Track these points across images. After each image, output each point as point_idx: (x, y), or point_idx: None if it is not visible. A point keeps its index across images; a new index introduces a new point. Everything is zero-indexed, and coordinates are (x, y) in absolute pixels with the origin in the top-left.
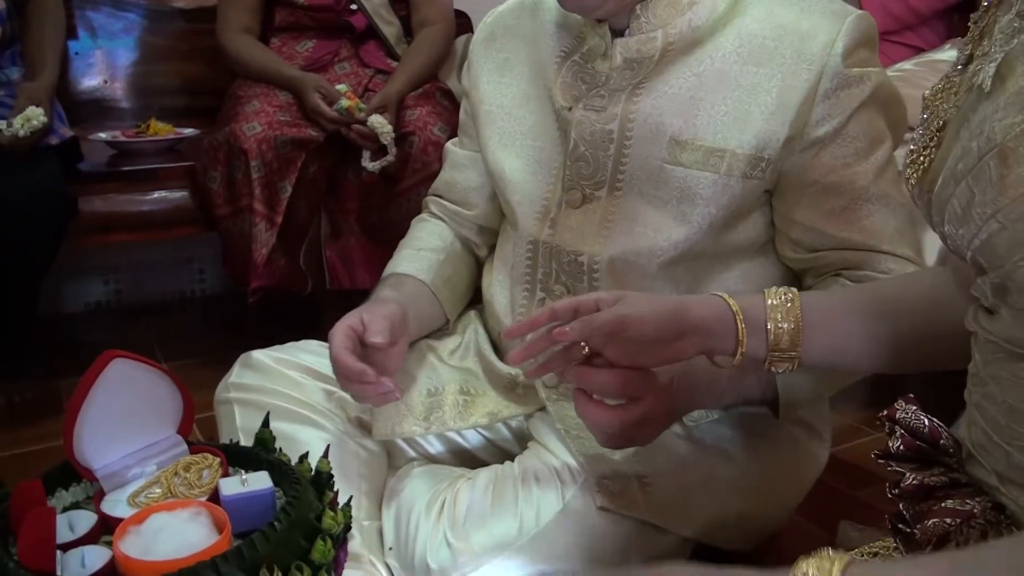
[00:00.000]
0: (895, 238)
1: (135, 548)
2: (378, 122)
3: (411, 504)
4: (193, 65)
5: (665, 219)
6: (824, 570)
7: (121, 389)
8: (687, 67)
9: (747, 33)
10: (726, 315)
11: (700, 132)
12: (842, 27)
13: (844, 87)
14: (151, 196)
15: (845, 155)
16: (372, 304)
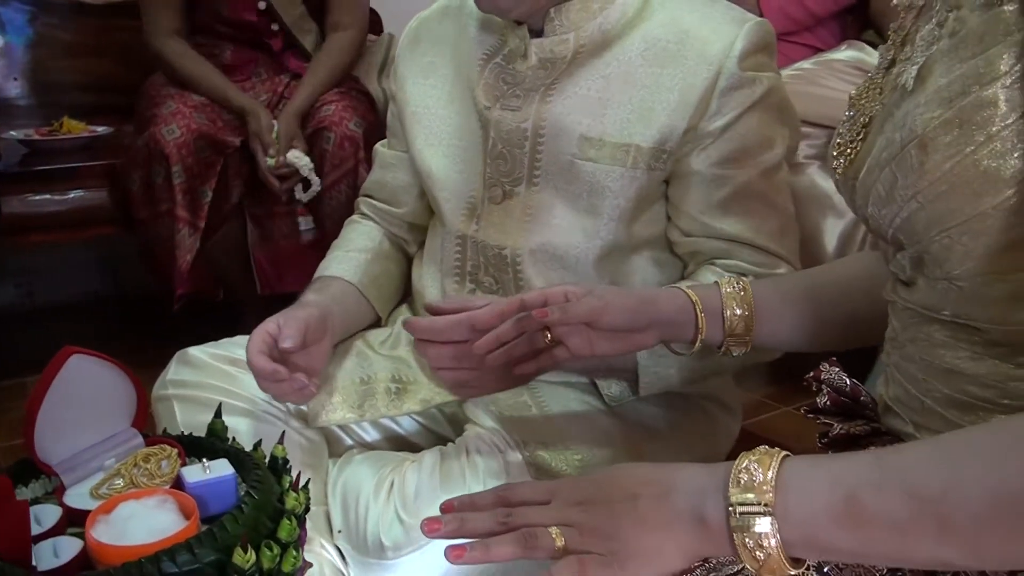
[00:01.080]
0: (771, 236)
1: (107, 536)
2: (295, 157)
3: (358, 488)
4: (104, 62)
5: (578, 212)
6: (764, 463)
7: (78, 385)
8: (596, 69)
9: (652, 37)
10: (687, 306)
11: (608, 129)
12: (740, 32)
13: (737, 87)
14: (68, 196)
15: (732, 151)
16: (292, 308)
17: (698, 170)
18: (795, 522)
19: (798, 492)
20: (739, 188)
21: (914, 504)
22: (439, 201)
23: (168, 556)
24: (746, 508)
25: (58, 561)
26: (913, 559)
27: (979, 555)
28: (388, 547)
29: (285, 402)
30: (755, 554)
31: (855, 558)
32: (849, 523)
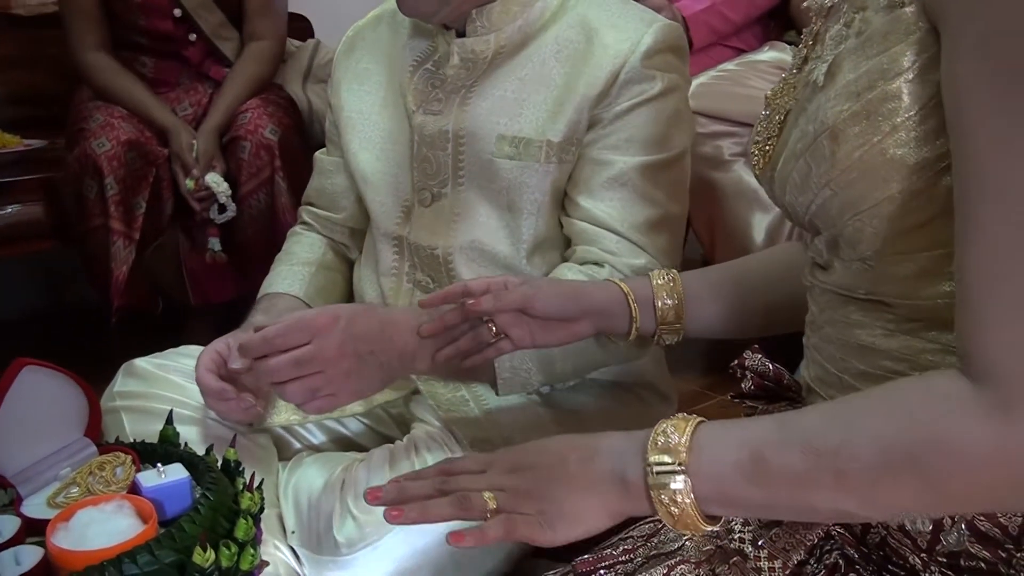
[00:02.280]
0: (638, 228)
1: (68, 542)
2: (214, 181)
3: (309, 488)
4: (36, 74)
5: (501, 209)
6: (679, 427)
7: (32, 396)
8: (512, 71)
9: (563, 38)
10: (619, 297)
11: (524, 128)
12: (648, 30)
13: (636, 81)
14: (5, 211)
15: (617, 139)
16: (241, 330)
17: (586, 153)
18: (707, 479)
19: (710, 452)
20: (616, 175)
21: (812, 459)
22: (373, 204)
23: (129, 558)
24: (662, 467)
25: (20, 569)
26: (817, 510)
27: (875, 505)
28: (342, 543)
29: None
30: (670, 509)
31: (764, 512)
32: (755, 479)
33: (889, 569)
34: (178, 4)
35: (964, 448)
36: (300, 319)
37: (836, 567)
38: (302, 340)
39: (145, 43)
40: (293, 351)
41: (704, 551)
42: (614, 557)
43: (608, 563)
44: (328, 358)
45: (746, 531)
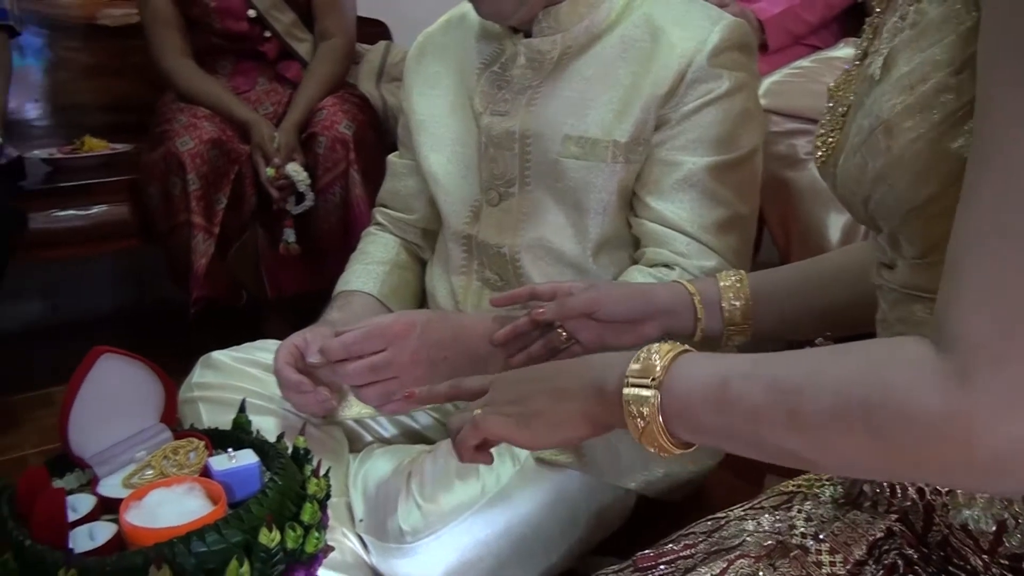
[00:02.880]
0: (708, 228)
1: (140, 520)
2: (294, 170)
3: (378, 478)
4: (121, 82)
5: (567, 208)
6: (663, 350)
7: (109, 382)
8: (577, 71)
9: (629, 38)
10: (685, 297)
11: (590, 128)
12: (714, 28)
13: (703, 80)
14: (91, 211)
15: (686, 139)
16: (318, 325)
17: (655, 153)
18: (674, 397)
19: (682, 373)
20: (686, 176)
21: (772, 394)
22: (444, 205)
23: (198, 536)
24: (636, 380)
25: (94, 544)
26: (766, 446)
27: (823, 450)
28: (407, 532)
29: (306, 412)
30: (636, 422)
31: (720, 440)
32: (716, 405)
33: (949, 571)
34: (251, 5)
35: (914, 409)
36: (377, 326)
37: (895, 567)
38: (379, 346)
39: (223, 45)
40: (370, 357)
41: (765, 546)
42: (675, 552)
43: (669, 558)
44: (403, 364)
45: (808, 526)
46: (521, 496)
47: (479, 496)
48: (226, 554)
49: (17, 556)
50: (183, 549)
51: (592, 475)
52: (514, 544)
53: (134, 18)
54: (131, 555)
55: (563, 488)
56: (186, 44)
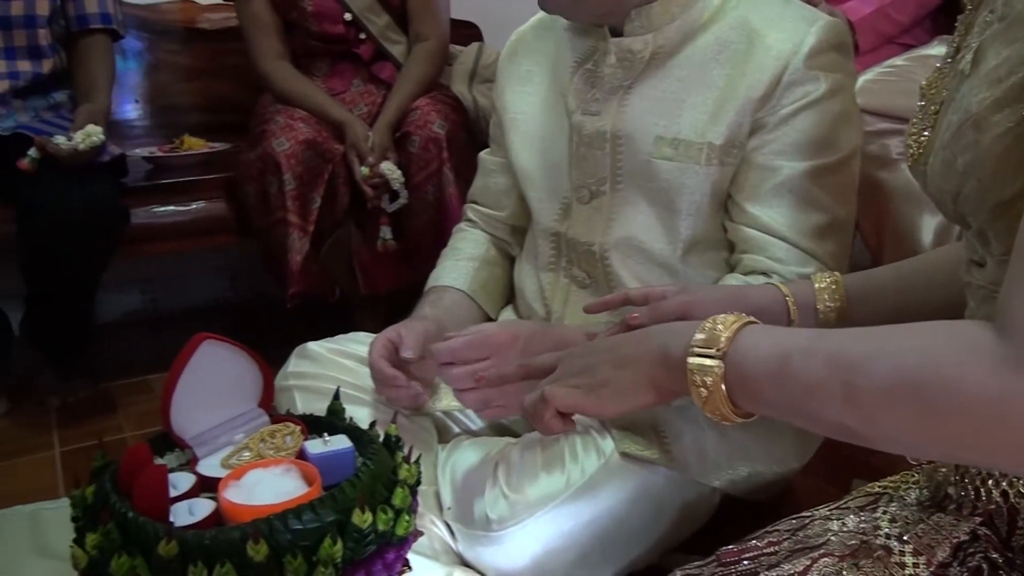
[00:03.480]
0: (807, 234)
1: (237, 497)
2: (388, 168)
3: (466, 468)
4: (220, 83)
5: (658, 209)
6: (728, 322)
7: (209, 367)
8: (670, 71)
9: (724, 39)
10: (779, 299)
11: (683, 129)
12: (810, 30)
13: (800, 83)
14: (190, 207)
15: (784, 144)
16: (412, 320)
17: (752, 158)
18: (737, 367)
19: (746, 345)
20: (785, 181)
21: (829, 368)
22: (534, 201)
23: (294, 514)
24: (701, 349)
25: (193, 518)
26: (822, 420)
27: (875, 427)
28: (493, 520)
29: (397, 405)
30: (700, 390)
31: (779, 411)
32: (777, 377)
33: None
34: (347, 8)
35: (967, 390)
36: (483, 335)
37: (979, 570)
38: (483, 355)
39: (320, 47)
40: (474, 364)
41: (849, 545)
42: (759, 548)
43: (752, 554)
44: None
45: (892, 527)
46: (606, 489)
47: (564, 488)
48: (320, 532)
49: (119, 527)
50: (279, 526)
51: (677, 471)
52: (598, 536)
53: (232, 22)
54: (229, 530)
55: (648, 483)
56: (283, 47)
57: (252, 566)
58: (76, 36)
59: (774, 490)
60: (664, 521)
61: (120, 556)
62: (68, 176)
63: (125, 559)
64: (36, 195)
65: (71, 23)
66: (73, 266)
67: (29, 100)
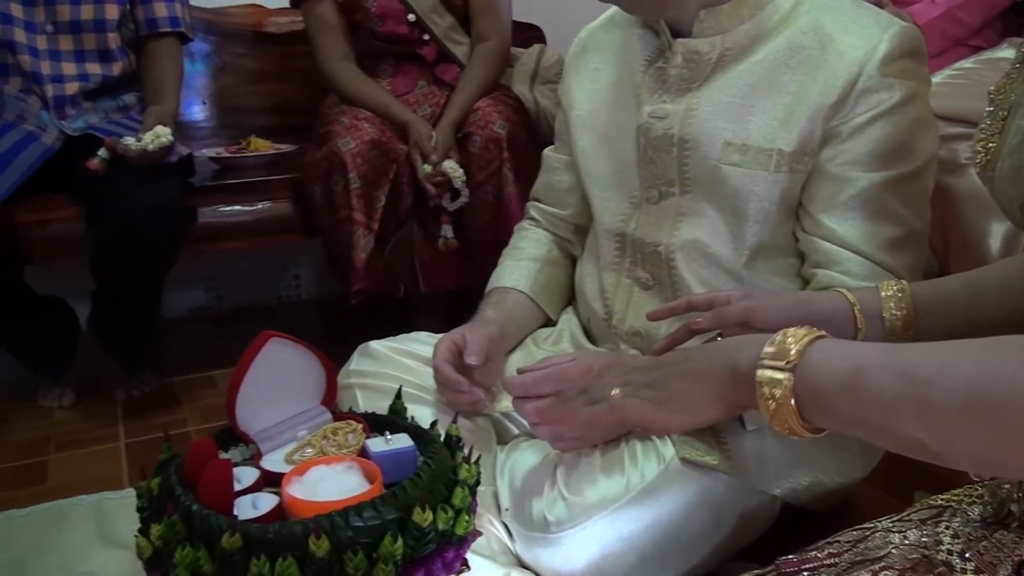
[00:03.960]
0: (883, 246)
1: (301, 493)
2: (451, 167)
3: (525, 470)
4: (286, 86)
5: (725, 214)
6: (798, 335)
7: (275, 365)
8: (739, 76)
9: (795, 44)
10: (845, 306)
11: (752, 135)
12: (884, 36)
13: (874, 91)
14: (256, 207)
15: (858, 154)
16: (475, 324)
17: (825, 168)
18: (807, 381)
19: (817, 359)
20: (860, 192)
21: (903, 383)
22: (599, 201)
23: (355, 511)
24: (771, 362)
25: (257, 512)
26: (895, 435)
27: (949, 443)
28: (551, 522)
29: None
30: (768, 402)
31: (850, 426)
32: (849, 392)
33: None
34: (411, 9)
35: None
36: (556, 369)
37: None
38: (556, 388)
39: (384, 48)
40: (547, 399)
41: (910, 559)
42: (818, 560)
43: (812, 565)
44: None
45: (955, 543)
46: (666, 495)
47: (623, 492)
48: (381, 530)
49: (184, 519)
50: (341, 522)
51: (738, 478)
52: (657, 542)
53: (298, 25)
54: (292, 524)
55: (708, 489)
56: (349, 49)
57: (313, 561)
58: (145, 39)
59: (836, 500)
60: (724, 528)
61: (184, 547)
62: (136, 176)
63: (189, 550)
64: (105, 195)
65: (140, 27)
66: (140, 264)
67: (99, 102)
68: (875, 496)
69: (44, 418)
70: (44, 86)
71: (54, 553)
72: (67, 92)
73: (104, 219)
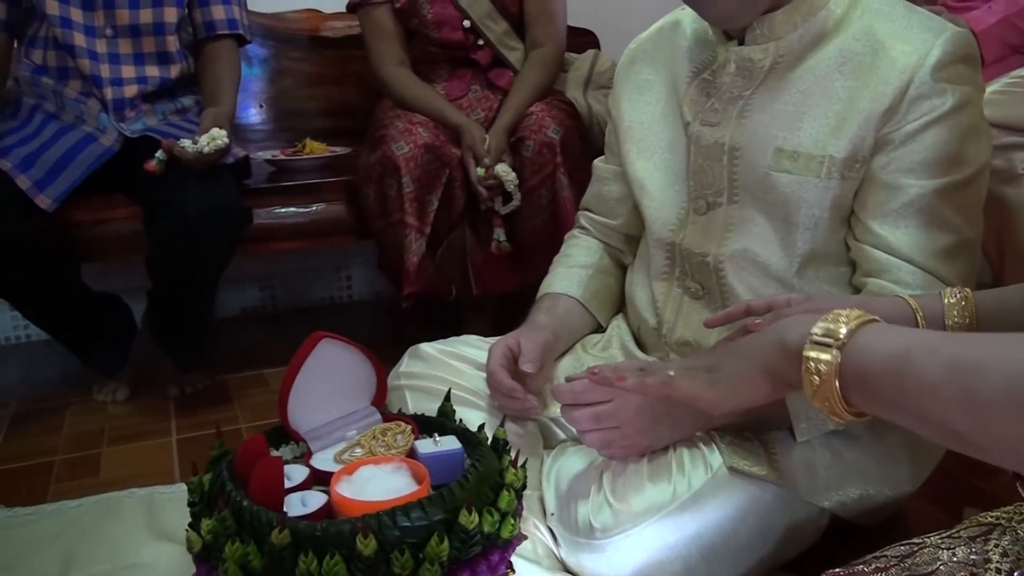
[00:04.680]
0: (936, 255)
1: (349, 492)
2: (503, 171)
3: (571, 475)
4: (343, 90)
5: (775, 222)
6: (853, 315)
7: (326, 365)
8: (792, 83)
9: (848, 50)
10: (907, 312)
11: (803, 142)
12: (937, 41)
13: (927, 97)
14: (310, 209)
15: (911, 161)
16: (529, 330)
17: (877, 175)
18: (854, 359)
19: (867, 340)
20: (913, 200)
21: (949, 370)
22: (649, 211)
23: (403, 511)
24: (820, 338)
25: (306, 510)
26: (934, 424)
27: (986, 433)
28: (597, 529)
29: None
30: (812, 378)
31: (891, 410)
32: (896, 374)
33: None
34: (467, 15)
35: None
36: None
37: None
38: (605, 397)
39: (439, 53)
40: (596, 407)
41: None
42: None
43: None
44: (626, 418)
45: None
46: (713, 504)
47: (670, 500)
48: (428, 531)
49: (234, 514)
50: (388, 522)
51: (786, 488)
52: (703, 551)
53: (355, 30)
54: (340, 523)
55: (756, 499)
56: (404, 54)
57: (360, 559)
58: (203, 42)
59: (884, 514)
60: (771, 539)
61: (234, 542)
62: (193, 177)
63: (238, 545)
64: (162, 196)
65: (199, 30)
66: (195, 264)
67: (157, 104)
68: (924, 511)
69: (98, 412)
70: (103, 89)
71: (104, 544)
72: (126, 95)
73: (161, 219)
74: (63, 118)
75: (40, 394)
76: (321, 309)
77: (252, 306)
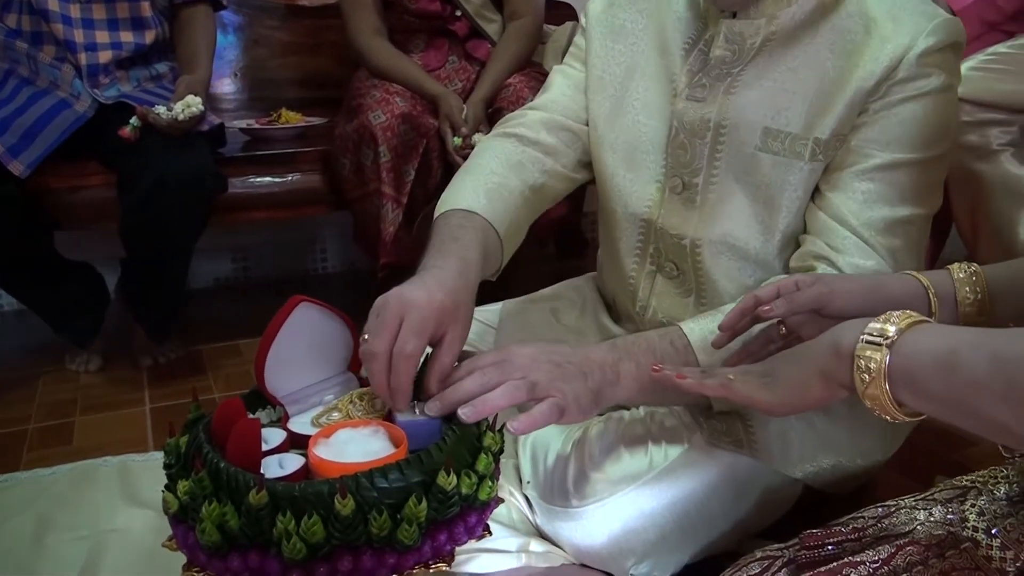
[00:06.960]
0: (872, 224)
1: (327, 454)
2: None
3: (547, 444)
4: (317, 59)
5: (756, 203)
6: (904, 316)
7: (304, 329)
8: (783, 61)
9: (840, 28)
10: (919, 289)
11: (792, 121)
12: (929, 27)
13: (911, 79)
14: (286, 179)
15: (878, 132)
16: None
17: (847, 143)
18: (903, 358)
19: (916, 339)
20: (871, 169)
21: (994, 364)
22: (623, 181)
23: (381, 473)
24: (871, 338)
25: (283, 472)
26: (982, 418)
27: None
28: (573, 497)
29: None
30: (862, 375)
31: (939, 407)
32: (943, 372)
33: None
34: None
35: None
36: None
37: None
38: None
39: (416, 24)
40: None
41: (935, 535)
42: (843, 534)
43: (836, 539)
44: (524, 364)
45: (980, 520)
46: (688, 473)
47: (646, 470)
48: (406, 492)
49: (211, 476)
50: (366, 483)
51: (760, 461)
52: (678, 519)
53: None
54: (318, 483)
55: (731, 469)
56: (381, 24)
57: (338, 519)
58: (178, 7)
59: (856, 483)
60: (744, 507)
61: (211, 503)
62: (168, 144)
63: (216, 506)
64: (136, 162)
65: None
66: (170, 231)
67: (132, 70)
68: (893, 481)
69: (71, 381)
70: (77, 54)
71: (80, 510)
72: (100, 61)
73: (135, 186)
74: (37, 83)
75: (12, 363)
76: (295, 281)
77: (225, 277)
